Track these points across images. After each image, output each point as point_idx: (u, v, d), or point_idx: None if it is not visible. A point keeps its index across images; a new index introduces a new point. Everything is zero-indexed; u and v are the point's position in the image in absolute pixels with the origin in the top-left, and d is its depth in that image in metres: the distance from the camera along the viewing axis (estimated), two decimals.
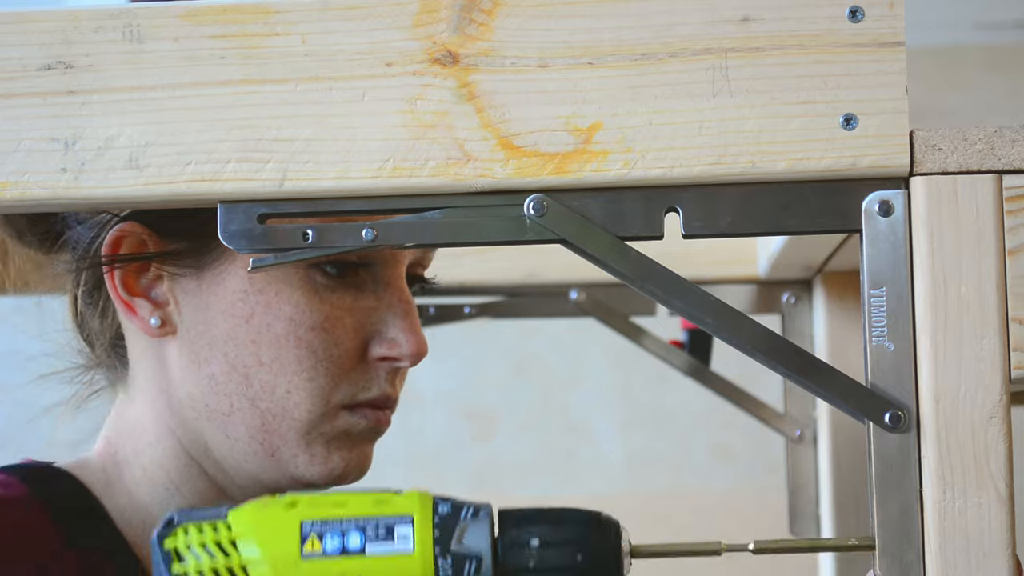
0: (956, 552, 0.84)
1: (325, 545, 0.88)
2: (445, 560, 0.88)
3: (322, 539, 0.88)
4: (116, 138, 0.87)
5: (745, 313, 0.88)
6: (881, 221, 0.86)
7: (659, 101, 0.86)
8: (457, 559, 0.88)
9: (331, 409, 1.04)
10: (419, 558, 0.88)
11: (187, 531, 0.90)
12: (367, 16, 0.87)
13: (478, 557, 0.88)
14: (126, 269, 1.04)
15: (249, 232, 0.88)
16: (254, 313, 1.01)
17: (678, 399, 3.49)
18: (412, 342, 1.05)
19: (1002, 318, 0.85)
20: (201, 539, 0.89)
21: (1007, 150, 0.86)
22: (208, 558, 0.88)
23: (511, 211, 0.87)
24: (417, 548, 0.88)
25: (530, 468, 3.59)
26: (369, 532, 0.88)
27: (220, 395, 1.03)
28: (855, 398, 0.86)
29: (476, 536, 0.88)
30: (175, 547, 0.89)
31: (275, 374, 1.02)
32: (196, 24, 0.88)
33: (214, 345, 1.02)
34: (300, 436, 1.03)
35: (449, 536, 0.88)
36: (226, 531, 0.89)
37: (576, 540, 0.89)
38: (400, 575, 0.87)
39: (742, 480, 3.57)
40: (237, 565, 0.88)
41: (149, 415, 1.07)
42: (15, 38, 0.88)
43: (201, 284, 1.03)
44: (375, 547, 0.88)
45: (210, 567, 0.88)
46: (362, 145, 0.87)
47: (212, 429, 1.04)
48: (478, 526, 0.89)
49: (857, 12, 0.86)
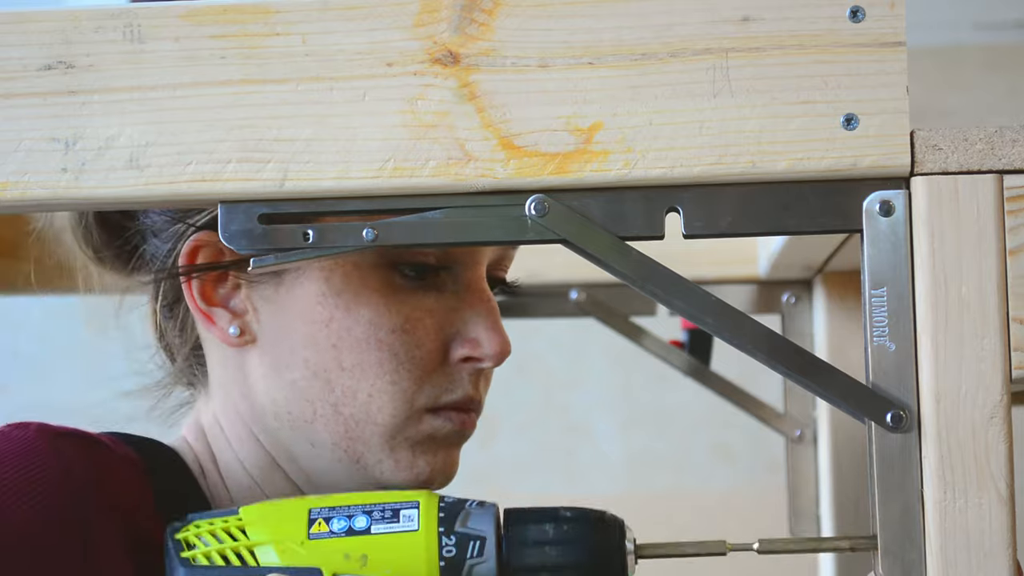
0: (957, 552, 0.84)
1: (331, 526, 0.89)
2: (449, 539, 0.88)
3: (329, 521, 0.89)
4: (116, 138, 0.87)
5: (745, 313, 0.88)
6: (882, 221, 0.86)
7: (659, 101, 0.86)
8: (461, 539, 0.89)
9: (415, 413, 1.02)
10: (423, 535, 0.88)
11: (199, 525, 0.91)
12: (367, 16, 0.87)
13: (482, 538, 0.89)
14: (204, 280, 1.03)
15: (250, 232, 0.88)
16: (333, 317, 1.00)
17: (678, 399, 3.49)
18: (495, 342, 1.04)
19: (1003, 318, 0.85)
20: (211, 529, 0.91)
21: (1007, 150, 0.86)
22: (216, 543, 0.90)
23: (512, 211, 0.87)
24: (422, 526, 0.88)
25: (530, 468, 3.59)
26: (375, 515, 0.89)
27: (303, 401, 1.02)
28: (856, 398, 0.86)
29: (481, 521, 0.89)
30: (185, 538, 0.91)
31: (357, 379, 1.01)
32: (196, 24, 0.88)
33: (294, 351, 1.02)
34: (384, 441, 1.02)
35: (454, 519, 0.89)
36: (236, 521, 0.91)
37: (581, 539, 0.89)
38: (404, 552, 0.88)
39: (742, 480, 3.57)
40: (244, 547, 0.89)
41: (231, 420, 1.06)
42: (15, 38, 0.88)
43: (279, 290, 1.02)
44: (380, 527, 0.89)
45: (218, 550, 0.90)
46: (363, 145, 0.87)
47: (296, 437, 1.03)
48: (483, 513, 0.90)
49: (858, 12, 0.86)
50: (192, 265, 1.03)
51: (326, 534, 0.89)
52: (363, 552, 0.88)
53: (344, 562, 0.88)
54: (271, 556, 0.89)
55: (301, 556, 0.89)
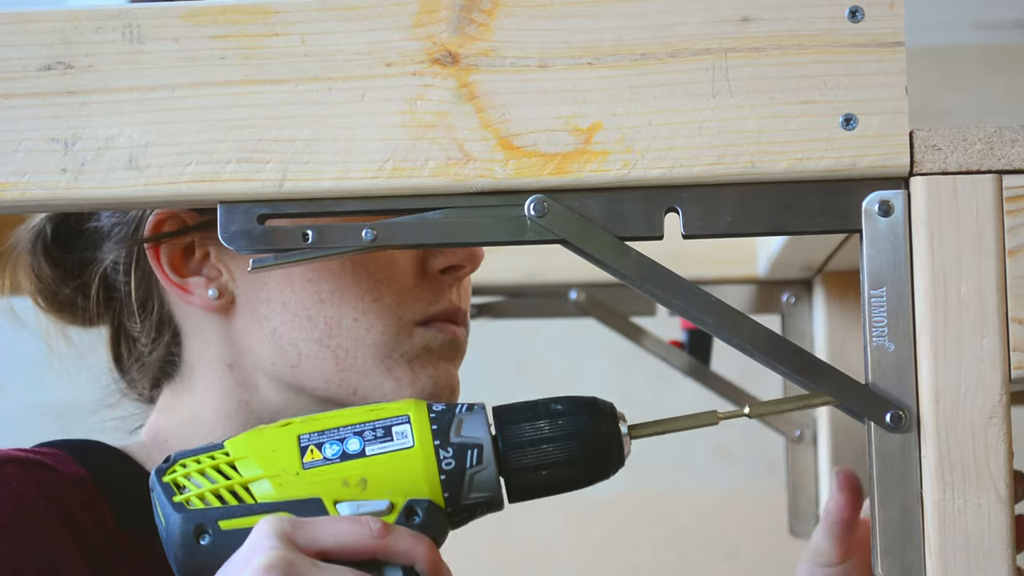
0: (956, 552, 0.84)
1: (324, 453, 0.88)
2: (446, 451, 0.88)
3: (321, 448, 0.88)
4: (116, 138, 0.88)
5: (745, 313, 0.88)
6: (881, 221, 0.86)
7: (659, 101, 0.86)
8: (458, 449, 0.88)
9: (404, 327, 1.02)
10: (420, 451, 0.88)
11: (185, 464, 0.90)
12: (367, 16, 0.87)
13: (479, 446, 0.88)
14: (173, 253, 1.03)
15: (249, 232, 0.88)
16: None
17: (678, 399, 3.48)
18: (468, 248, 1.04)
19: (1002, 318, 0.85)
20: (200, 468, 0.89)
21: (1007, 150, 0.86)
22: (208, 483, 0.88)
23: (511, 211, 0.87)
24: (417, 442, 0.88)
25: None
26: (367, 435, 0.89)
27: (285, 347, 1.01)
28: (856, 398, 0.86)
29: (474, 427, 0.89)
30: (174, 480, 0.89)
31: (338, 306, 1.00)
32: (196, 24, 0.88)
33: (271, 298, 1.01)
34: (379, 362, 1.01)
35: (447, 429, 0.88)
36: (224, 457, 0.89)
37: (576, 431, 0.89)
38: (403, 470, 0.88)
39: (742, 480, 3.57)
40: (238, 484, 0.88)
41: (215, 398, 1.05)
42: (15, 38, 0.88)
43: None
44: (375, 447, 0.88)
45: (211, 491, 0.88)
46: (362, 145, 0.87)
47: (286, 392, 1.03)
48: (474, 418, 0.89)
49: (857, 12, 0.86)
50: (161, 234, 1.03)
51: (320, 462, 0.88)
52: (361, 476, 0.88)
53: (344, 489, 0.88)
54: (267, 490, 0.88)
55: (298, 488, 0.88)
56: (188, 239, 1.03)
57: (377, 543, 0.86)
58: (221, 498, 0.88)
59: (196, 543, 0.87)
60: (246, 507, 0.88)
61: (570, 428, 0.89)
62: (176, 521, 0.88)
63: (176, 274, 1.04)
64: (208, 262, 1.04)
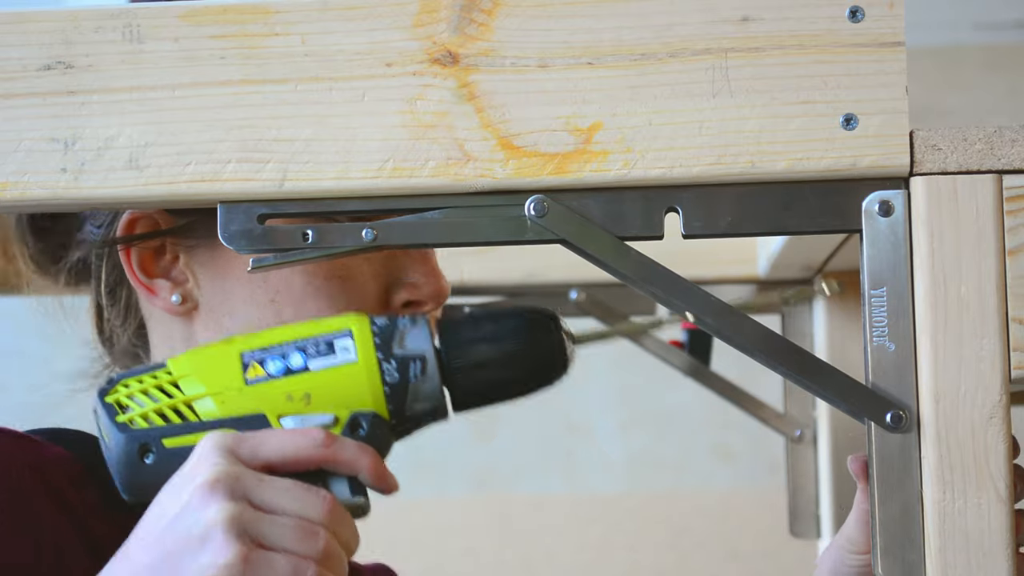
0: (956, 552, 0.84)
1: (267, 368, 0.88)
2: (389, 364, 0.88)
3: (263, 364, 0.88)
4: (116, 138, 0.88)
5: (745, 313, 0.88)
6: (881, 221, 0.86)
7: (659, 101, 0.86)
8: (401, 361, 0.88)
9: None
10: (363, 365, 0.88)
11: (127, 384, 0.89)
12: (367, 16, 0.87)
13: (422, 357, 0.88)
14: (143, 252, 1.03)
15: (249, 232, 0.88)
16: (270, 272, 1.01)
17: (678, 399, 3.49)
18: (433, 283, 1.03)
19: (1002, 318, 0.85)
20: (142, 387, 0.89)
21: (1007, 150, 0.86)
22: (151, 402, 0.88)
23: (511, 211, 0.87)
24: (360, 356, 0.88)
25: (530, 468, 3.59)
26: (310, 350, 0.89)
27: None
28: (856, 398, 0.86)
29: (417, 339, 0.89)
30: (116, 400, 0.89)
31: None
32: (196, 24, 0.88)
33: (235, 312, 1.02)
34: None
35: (390, 342, 0.89)
36: (167, 376, 0.89)
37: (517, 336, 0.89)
38: (346, 384, 0.88)
39: (742, 480, 3.57)
40: (181, 403, 0.88)
41: None
42: (15, 38, 0.88)
43: (214, 253, 1.02)
44: (317, 362, 0.88)
45: (154, 410, 0.88)
46: (362, 145, 0.87)
47: None
48: (417, 330, 0.89)
49: (857, 12, 0.86)
50: (131, 235, 1.03)
51: (263, 378, 0.88)
52: (305, 391, 0.88)
53: (287, 403, 0.88)
54: (211, 407, 0.88)
55: (241, 404, 0.88)
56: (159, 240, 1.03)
57: (321, 452, 0.86)
58: (164, 417, 0.88)
59: (140, 462, 0.87)
60: (189, 425, 0.88)
61: (512, 335, 0.90)
62: (120, 441, 0.88)
63: (144, 274, 1.04)
64: (177, 266, 1.04)
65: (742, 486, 3.57)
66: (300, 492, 0.84)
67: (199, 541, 0.82)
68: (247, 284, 1.01)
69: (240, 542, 0.81)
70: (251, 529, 0.82)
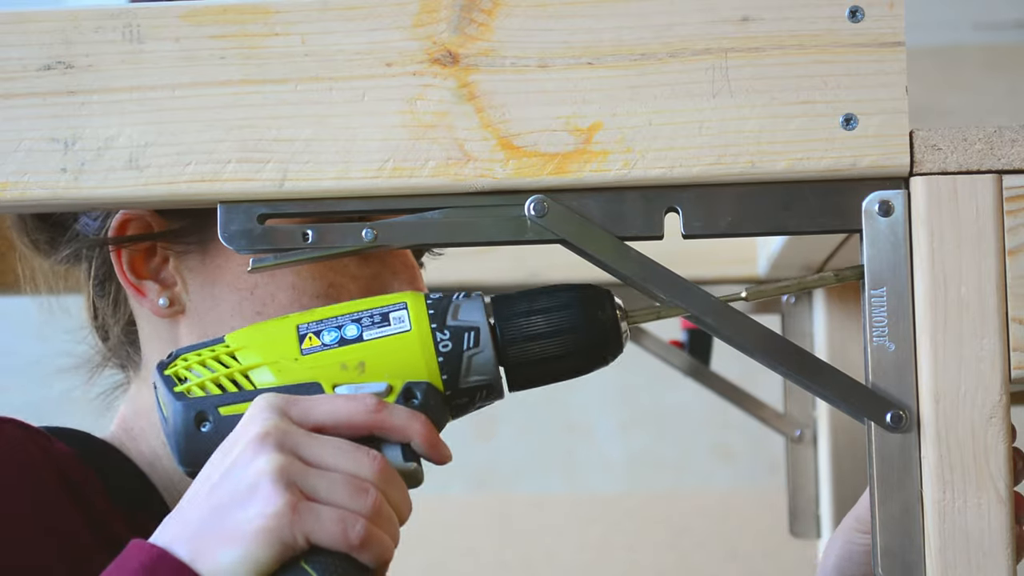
0: (956, 552, 0.84)
1: (323, 339, 0.89)
2: (443, 334, 0.88)
3: (319, 335, 0.89)
4: (116, 138, 0.88)
5: (745, 313, 0.88)
6: (881, 221, 0.86)
7: (659, 101, 0.86)
8: (455, 332, 0.89)
9: None
10: (416, 334, 0.88)
11: (186, 359, 0.90)
12: (367, 16, 0.87)
13: (475, 328, 0.89)
14: (134, 253, 1.04)
15: (249, 232, 0.88)
16: (257, 284, 1.01)
17: (678, 399, 3.49)
18: None
19: (1002, 318, 0.85)
20: (200, 360, 0.90)
21: (1007, 150, 0.86)
22: (208, 372, 0.89)
23: (511, 211, 0.87)
24: (414, 326, 0.88)
25: (530, 468, 3.59)
26: (364, 322, 0.89)
27: None
28: (856, 398, 0.86)
29: (471, 311, 0.89)
30: (175, 372, 0.90)
31: None
32: (196, 24, 0.88)
33: (221, 321, 1.02)
34: None
35: (444, 314, 0.89)
36: (224, 348, 0.90)
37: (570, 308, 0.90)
38: (400, 353, 0.88)
39: (742, 480, 3.58)
40: (238, 372, 0.89)
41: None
42: (15, 38, 0.88)
43: (204, 260, 1.03)
44: (372, 332, 0.89)
45: (211, 379, 0.89)
46: (362, 145, 0.87)
47: None
48: (471, 303, 0.90)
49: (857, 12, 0.86)
50: (122, 236, 1.03)
51: (319, 347, 0.88)
52: (359, 360, 0.88)
53: (342, 372, 0.88)
54: (267, 377, 0.88)
55: (297, 373, 0.88)
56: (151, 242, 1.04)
57: (372, 418, 0.85)
58: (221, 387, 0.89)
59: (197, 430, 0.88)
60: (245, 393, 0.88)
61: (565, 308, 0.90)
62: (178, 409, 0.88)
63: (134, 274, 1.04)
64: (166, 268, 1.04)
65: (742, 486, 3.57)
66: (350, 450, 0.84)
67: (248, 492, 0.82)
68: (235, 293, 1.02)
69: (289, 491, 0.81)
70: (299, 481, 0.82)
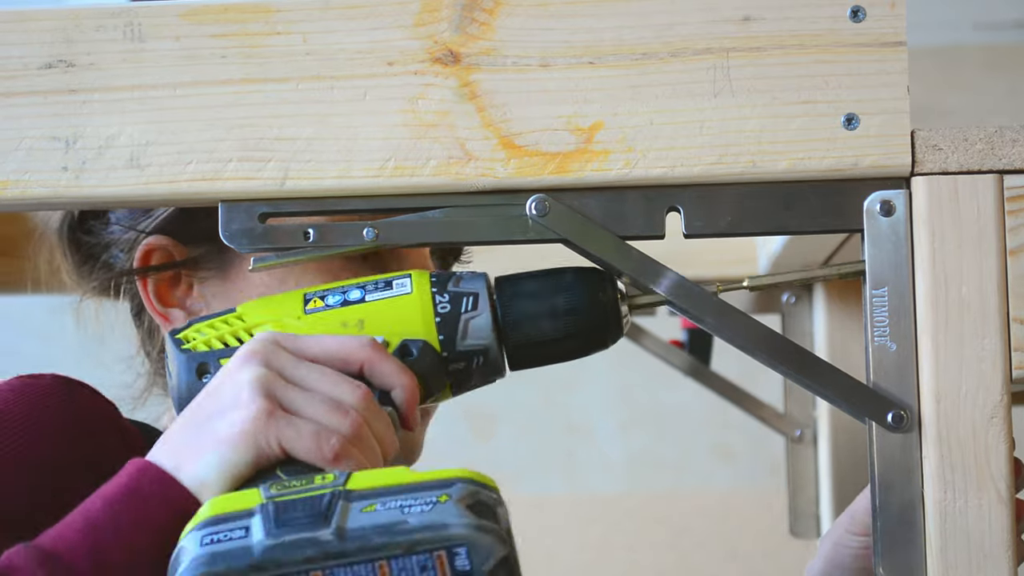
0: (957, 552, 0.84)
1: (327, 301, 0.91)
2: (443, 296, 0.90)
3: (324, 298, 0.91)
4: (117, 137, 0.88)
5: (745, 313, 0.88)
6: (882, 221, 0.86)
7: (660, 101, 0.86)
8: (454, 296, 0.90)
9: None
10: (417, 296, 0.90)
11: (198, 326, 0.92)
12: (368, 15, 0.87)
13: (474, 294, 0.90)
14: (159, 282, 1.05)
15: (250, 231, 0.88)
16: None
17: (678, 399, 3.49)
18: None
19: (1003, 318, 0.85)
20: (211, 324, 0.91)
21: (1007, 150, 0.86)
22: (214, 331, 0.91)
23: (512, 210, 0.87)
24: (415, 289, 0.90)
25: (530, 468, 3.59)
26: (369, 287, 0.91)
27: None
28: (857, 398, 0.86)
29: (472, 282, 0.91)
30: (185, 335, 0.91)
31: None
32: (197, 23, 0.88)
33: None
34: None
35: (446, 282, 0.91)
36: (233, 314, 0.92)
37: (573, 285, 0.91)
38: (399, 312, 0.90)
39: (742, 480, 3.57)
40: (242, 329, 0.91)
41: None
42: (16, 37, 0.88)
43: (226, 283, 1.03)
44: (375, 295, 0.90)
45: (216, 336, 0.90)
46: (363, 144, 0.87)
47: None
48: (474, 276, 0.91)
49: (858, 12, 0.86)
50: (145, 267, 1.04)
51: (322, 308, 0.90)
52: (359, 318, 0.89)
53: (342, 329, 0.89)
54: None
55: (299, 330, 0.89)
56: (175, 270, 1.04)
57: (365, 352, 0.87)
58: (225, 343, 0.90)
59: (198, 381, 0.89)
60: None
61: (565, 287, 0.91)
62: (182, 361, 0.90)
63: (161, 303, 1.05)
64: (191, 296, 1.05)
65: (742, 486, 3.57)
66: (335, 376, 0.85)
67: (229, 403, 0.84)
68: None
69: (267, 400, 0.83)
70: (279, 393, 0.84)
